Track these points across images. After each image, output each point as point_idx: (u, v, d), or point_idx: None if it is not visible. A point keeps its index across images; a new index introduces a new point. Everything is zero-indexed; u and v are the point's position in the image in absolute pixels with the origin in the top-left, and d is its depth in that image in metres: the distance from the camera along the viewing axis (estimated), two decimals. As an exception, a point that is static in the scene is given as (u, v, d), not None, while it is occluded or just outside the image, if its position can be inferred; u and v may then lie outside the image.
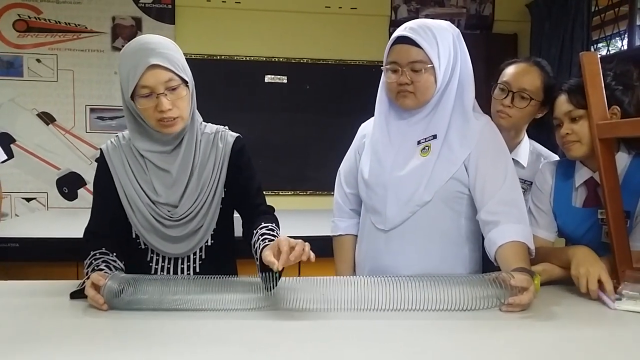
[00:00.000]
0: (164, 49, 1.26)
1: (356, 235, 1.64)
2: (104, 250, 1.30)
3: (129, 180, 1.35)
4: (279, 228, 1.36)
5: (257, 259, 1.26)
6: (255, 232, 1.31)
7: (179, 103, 1.27)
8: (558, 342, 1.00)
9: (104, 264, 1.26)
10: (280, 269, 1.11)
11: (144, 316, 1.11)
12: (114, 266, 1.27)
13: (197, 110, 1.38)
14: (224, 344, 0.97)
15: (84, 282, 1.21)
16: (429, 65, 1.35)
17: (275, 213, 1.44)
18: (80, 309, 1.15)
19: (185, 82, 1.29)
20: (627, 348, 1.00)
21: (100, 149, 1.40)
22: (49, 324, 1.07)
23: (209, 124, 1.44)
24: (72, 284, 1.27)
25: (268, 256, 1.12)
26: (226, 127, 1.45)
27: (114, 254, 1.31)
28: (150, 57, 1.23)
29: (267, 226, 1.32)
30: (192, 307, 1.14)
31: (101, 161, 1.39)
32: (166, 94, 1.25)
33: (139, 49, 1.25)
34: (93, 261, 1.27)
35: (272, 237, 1.26)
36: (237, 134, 1.44)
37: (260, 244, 1.24)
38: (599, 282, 1.23)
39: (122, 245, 1.36)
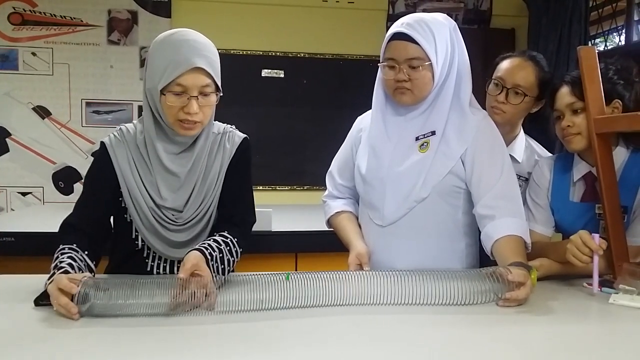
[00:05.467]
0: (209, 53, 1.23)
1: (351, 212, 1.60)
2: (74, 246, 1.21)
3: (134, 180, 1.29)
4: (243, 240, 1.32)
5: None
6: (213, 234, 1.30)
7: (206, 109, 1.25)
8: (554, 336, 1.00)
9: (68, 260, 1.15)
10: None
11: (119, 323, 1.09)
12: (79, 266, 1.16)
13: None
14: (204, 348, 0.94)
15: (47, 284, 1.10)
16: (426, 62, 1.34)
17: (250, 227, 1.39)
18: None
19: (217, 90, 1.26)
20: (623, 343, 1.00)
21: (102, 142, 1.32)
22: (48, 316, 1.06)
23: (216, 122, 1.38)
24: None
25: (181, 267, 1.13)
26: (233, 127, 1.41)
27: (86, 252, 1.21)
28: (196, 57, 1.20)
29: (225, 235, 1.29)
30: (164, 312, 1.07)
31: (102, 155, 1.31)
32: (198, 98, 1.22)
33: (184, 44, 1.21)
34: (59, 255, 1.17)
35: (218, 247, 1.24)
36: (245, 135, 1.41)
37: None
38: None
39: (101, 245, 1.29)
